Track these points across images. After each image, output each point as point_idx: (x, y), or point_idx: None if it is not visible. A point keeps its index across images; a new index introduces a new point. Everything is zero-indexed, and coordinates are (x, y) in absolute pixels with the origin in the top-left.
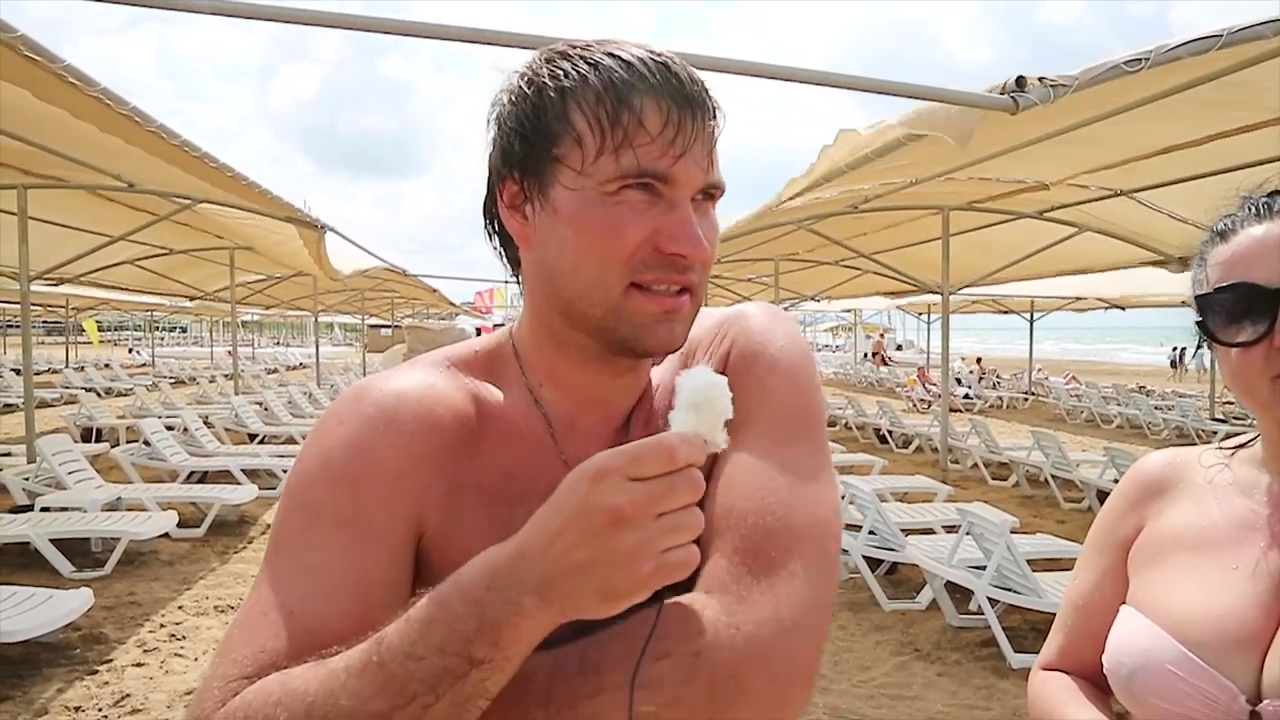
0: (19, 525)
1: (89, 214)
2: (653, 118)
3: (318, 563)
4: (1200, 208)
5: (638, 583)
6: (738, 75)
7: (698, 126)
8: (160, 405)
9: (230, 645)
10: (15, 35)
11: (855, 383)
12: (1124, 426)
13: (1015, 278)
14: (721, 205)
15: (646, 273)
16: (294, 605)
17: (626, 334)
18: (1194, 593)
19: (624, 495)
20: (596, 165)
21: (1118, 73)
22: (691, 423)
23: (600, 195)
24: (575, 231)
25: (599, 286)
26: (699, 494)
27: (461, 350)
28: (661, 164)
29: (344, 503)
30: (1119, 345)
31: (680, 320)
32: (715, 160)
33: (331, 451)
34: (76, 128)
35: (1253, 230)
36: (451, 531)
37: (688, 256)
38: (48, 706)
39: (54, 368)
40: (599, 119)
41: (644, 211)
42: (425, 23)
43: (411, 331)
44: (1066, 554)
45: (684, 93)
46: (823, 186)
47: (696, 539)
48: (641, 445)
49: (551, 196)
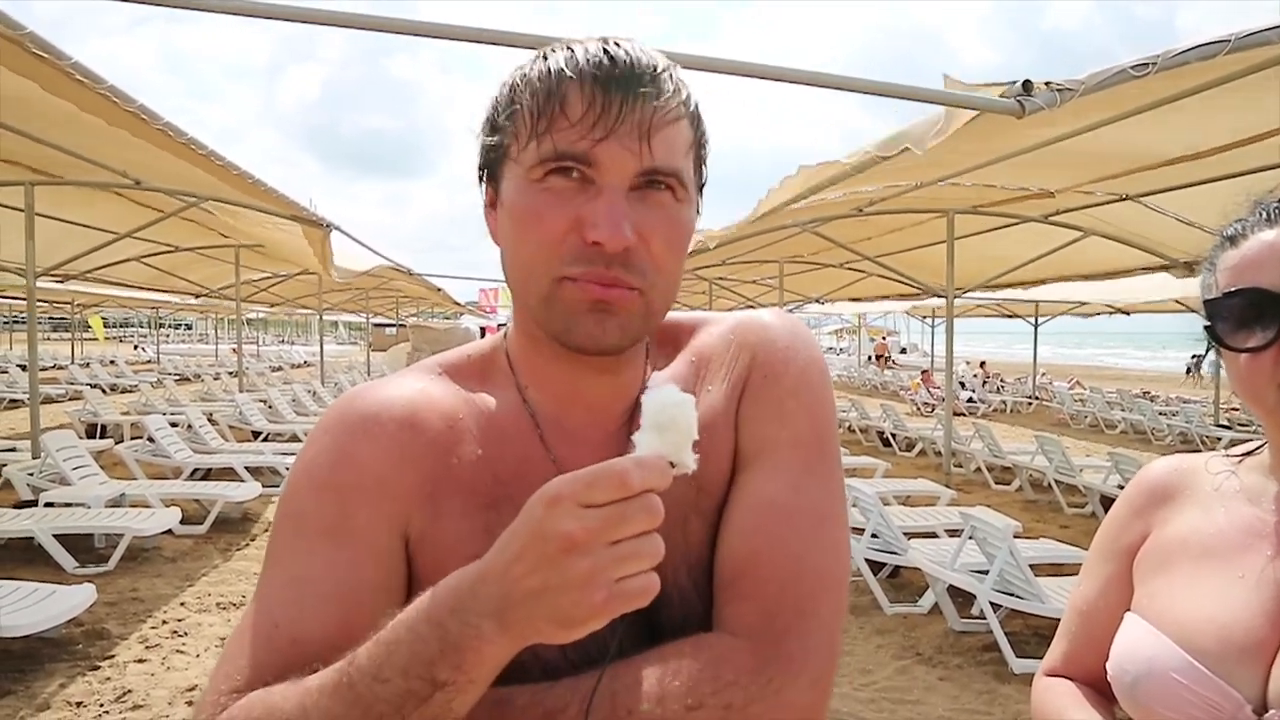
0: (23, 520)
1: (95, 211)
2: (574, 102)
3: (303, 573)
4: (1208, 212)
5: (591, 610)
6: (747, 78)
7: (626, 108)
8: (165, 402)
9: (225, 657)
10: (23, 33)
11: (859, 385)
12: (1128, 432)
13: (1020, 282)
14: (726, 209)
15: (574, 265)
16: (280, 618)
17: (558, 325)
18: (1199, 600)
19: (576, 522)
20: (525, 153)
21: (1124, 77)
22: (655, 444)
23: (528, 183)
24: (510, 220)
25: (531, 275)
26: (656, 521)
27: (455, 356)
28: (580, 146)
29: (328, 511)
30: (1123, 350)
31: (615, 315)
32: (666, 146)
33: (316, 461)
34: (83, 125)
35: (1263, 235)
36: (437, 535)
37: (605, 245)
38: (50, 701)
39: (59, 364)
40: (530, 110)
41: (569, 198)
42: (432, 23)
43: (415, 330)
44: (1069, 559)
45: (612, 75)
46: (827, 189)
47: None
48: (595, 471)
49: (501, 190)
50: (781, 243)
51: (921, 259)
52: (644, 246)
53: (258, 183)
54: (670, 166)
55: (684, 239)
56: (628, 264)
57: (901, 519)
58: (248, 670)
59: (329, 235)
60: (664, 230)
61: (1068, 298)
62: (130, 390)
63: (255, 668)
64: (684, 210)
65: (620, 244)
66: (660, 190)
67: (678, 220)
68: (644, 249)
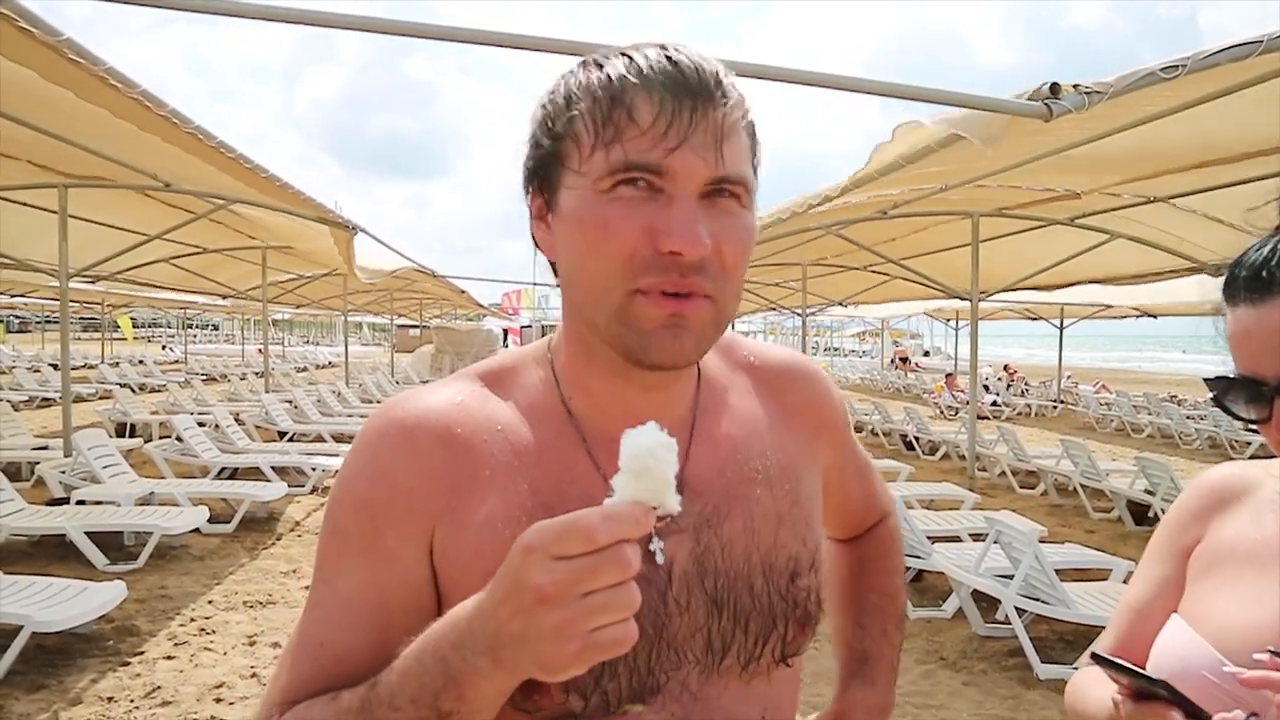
0: (56, 518)
1: (126, 213)
2: (644, 110)
3: (345, 590)
4: (1240, 212)
5: (567, 660)
6: (770, 81)
7: (697, 116)
8: (192, 402)
9: (278, 670)
10: (61, 39)
11: (882, 388)
12: (1155, 436)
13: (1046, 285)
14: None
15: (648, 275)
16: (324, 636)
17: (632, 342)
18: (1236, 604)
19: (545, 575)
20: (590, 163)
21: (1154, 79)
22: (633, 489)
23: (595, 194)
24: (575, 232)
25: (602, 289)
26: (627, 573)
27: (495, 364)
28: (653, 156)
29: (364, 530)
30: (1150, 353)
31: (688, 328)
32: (733, 153)
33: (355, 475)
34: (115, 128)
35: (1239, 313)
36: (459, 548)
37: (684, 254)
38: (81, 696)
39: (90, 363)
40: (594, 117)
41: (639, 208)
42: (455, 27)
43: (439, 332)
44: (1095, 564)
45: (681, 82)
46: (852, 192)
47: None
48: (564, 524)
49: (559, 201)
50: (805, 245)
51: (945, 261)
52: (716, 254)
53: (285, 185)
54: (739, 174)
55: (750, 246)
56: (701, 271)
57: (925, 523)
58: (297, 685)
59: (354, 237)
60: (734, 237)
61: (1094, 300)
62: (159, 390)
63: (305, 682)
64: (749, 217)
65: (699, 253)
66: (728, 198)
67: (745, 227)
68: (716, 257)
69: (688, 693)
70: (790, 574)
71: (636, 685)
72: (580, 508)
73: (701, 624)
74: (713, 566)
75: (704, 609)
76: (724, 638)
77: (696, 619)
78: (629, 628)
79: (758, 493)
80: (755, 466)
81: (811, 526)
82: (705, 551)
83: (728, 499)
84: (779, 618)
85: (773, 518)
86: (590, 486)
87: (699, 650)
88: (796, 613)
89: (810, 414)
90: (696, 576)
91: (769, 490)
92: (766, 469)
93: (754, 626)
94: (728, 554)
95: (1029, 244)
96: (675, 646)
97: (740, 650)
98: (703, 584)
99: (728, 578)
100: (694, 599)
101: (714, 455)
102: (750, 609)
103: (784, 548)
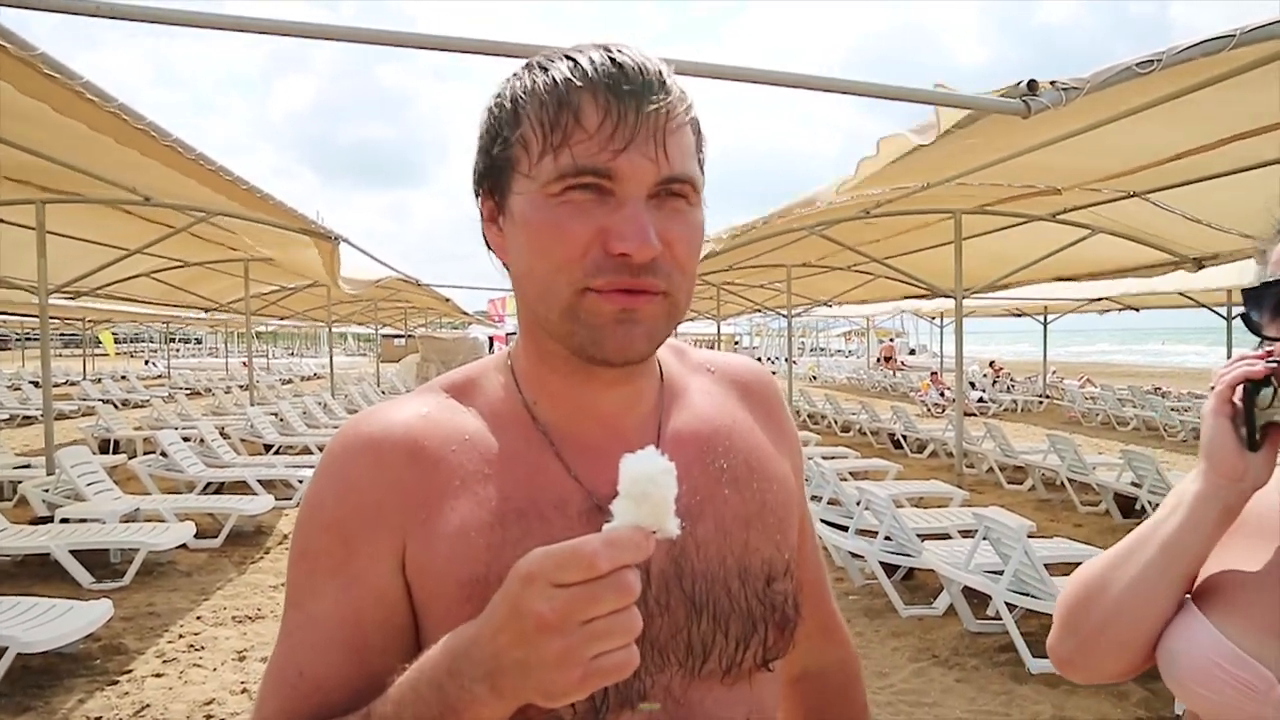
0: (39, 537)
1: (106, 228)
2: (590, 113)
3: (318, 614)
4: (1213, 208)
5: (569, 686)
6: (749, 83)
7: (643, 118)
8: (177, 416)
9: (260, 699)
10: (35, 54)
11: (869, 388)
12: (1140, 429)
13: (1028, 280)
14: (728, 212)
15: (599, 277)
16: (302, 662)
17: (584, 338)
18: (1241, 578)
19: (546, 603)
20: (540, 167)
21: (1129, 74)
22: (633, 514)
23: (545, 198)
24: (526, 236)
25: (550, 289)
26: (628, 599)
27: (458, 375)
28: (600, 159)
29: (334, 550)
30: (1133, 346)
31: (640, 322)
32: (679, 152)
33: (323, 494)
34: (93, 143)
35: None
36: (431, 558)
37: (633, 255)
38: (69, 717)
39: (71, 380)
40: (541, 122)
41: (589, 211)
42: (430, 34)
43: (424, 341)
44: (1084, 558)
45: (625, 85)
46: (836, 194)
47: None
48: (565, 551)
49: (510, 205)
50: (789, 247)
51: (929, 260)
52: (667, 252)
53: (266, 196)
54: (686, 172)
55: (700, 242)
56: (653, 270)
57: (914, 521)
58: (281, 714)
59: (337, 247)
60: (683, 235)
61: (1076, 295)
62: (142, 405)
63: (288, 714)
64: (697, 213)
65: (648, 254)
66: (676, 197)
67: (694, 224)
68: (667, 254)
69: (671, 697)
70: (766, 577)
71: (623, 688)
72: (552, 510)
73: (682, 626)
74: (689, 568)
75: (684, 610)
76: (704, 641)
77: (677, 620)
78: (631, 653)
79: (726, 493)
80: (721, 465)
81: (784, 532)
82: (681, 552)
83: (698, 499)
84: (758, 621)
85: (742, 519)
86: (561, 489)
87: (680, 653)
88: (775, 616)
89: (774, 418)
90: (675, 577)
91: (736, 491)
92: (733, 468)
93: (734, 630)
94: (703, 555)
95: (1011, 241)
96: (658, 648)
97: (722, 654)
98: (681, 585)
99: (705, 580)
100: (673, 599)
101: (682, 454)
102: (730, 612)
103: (756, 550)
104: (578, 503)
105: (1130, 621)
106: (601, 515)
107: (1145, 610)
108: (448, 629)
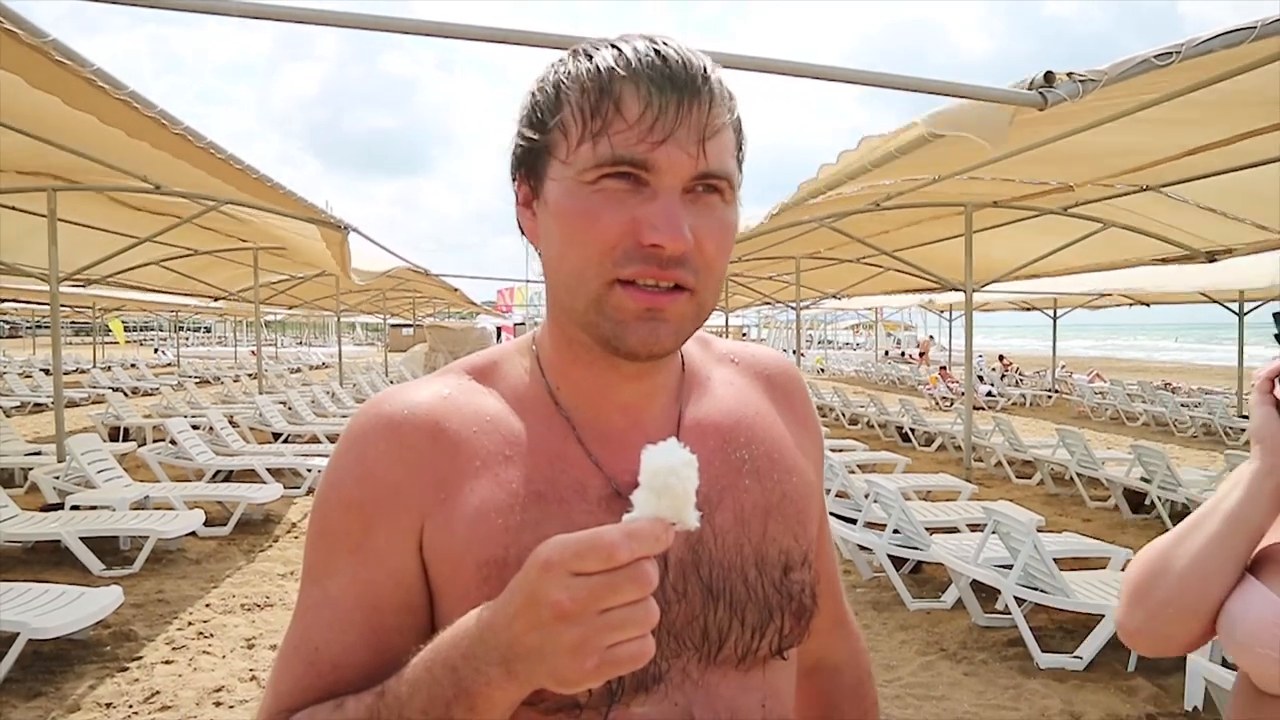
0: (50, 524)
1: (116, 216)
2: (630, 104)
3: (337, 591)
4: (1232, 200)
5: (584, 674)
6: (757, 72)
7: (684, 111)
8: (186, 405)
9: (274, 676)
10: (47, 40)
11: (877, 380)
12: (1150, 424)
13: (1039, 274)
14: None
15: (629, 266)
16: (319, 639)
17: (607, 331)
18: None
19: (564, 591)
20: (577, 154)
21: (1148, 67)
22: (653, 506)
23: (580, 185)
24: (558, 222)
25: (580, 279)
26: (646, 590)
27: (481, 359)
28: (639, 150)
29: (353, 529)
30: (1143, 342)
31: (666, 320)
32: (718, 148)
33: (342, 474)
34: (104, 132)
35: None
36: (449, 540)
37: (665, 247)
38: (80, 703)
39: (82, 368)
40: (581, 109)
41: (623, 201)
42: (441, 22)
43: (433, 331)
44: (1093, 553)
45: (669, 77)
46: (845, 184)
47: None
48: (585, 540)
49: (545, 190)
50: (799, 238)
51: (939, 253)
52: (697, 248)
53: (276, 186)
54: (723, 170)
55: (732, 240)
56: (683, 264)
57: (923, 514)
58: (295, 692)
59: (347, 237)
60: (714, 233)
61: (1087, 289)
62: (151, 393)
63: (303, 690)
64: (732, 212)
65: (680, 247)
66: (711, 193)
67: (727, 222)
68: (697, 250)
69: (689, 680)
70: (783, 567)
71: (639, 673)
72: (572, 495)
73: (698, 612)
74: (707, 556)
75: (700, 597)
76: (720, 628)
77: (693, 607)
78: (646, 643)
79: (746, 483)
80: (742, 456)
81: (804, 523)
82: (699, 541)
83: (718, 488)
84: (775, 610)
85: (761, 509)
86: (581, 473)
87: (696, 639)
88: (792, 606)
89: (797, 411)
90: (692, 564)
91: (757, 481)
92: (754, 459)
93: (750, 618)
94: (720, 544)
95: (1022, 234)
96: (674, 634)
97: (738, 641)
98: (698, 572)
99: (722, 568)
100: (690, 586)
101: (702, 444)
102: (746, 600)
103: (775, 541)
104: (597, 488)
105: (1196, 591)
106: (620, 501)
107: (1210, 580)
108: (465, 610)
